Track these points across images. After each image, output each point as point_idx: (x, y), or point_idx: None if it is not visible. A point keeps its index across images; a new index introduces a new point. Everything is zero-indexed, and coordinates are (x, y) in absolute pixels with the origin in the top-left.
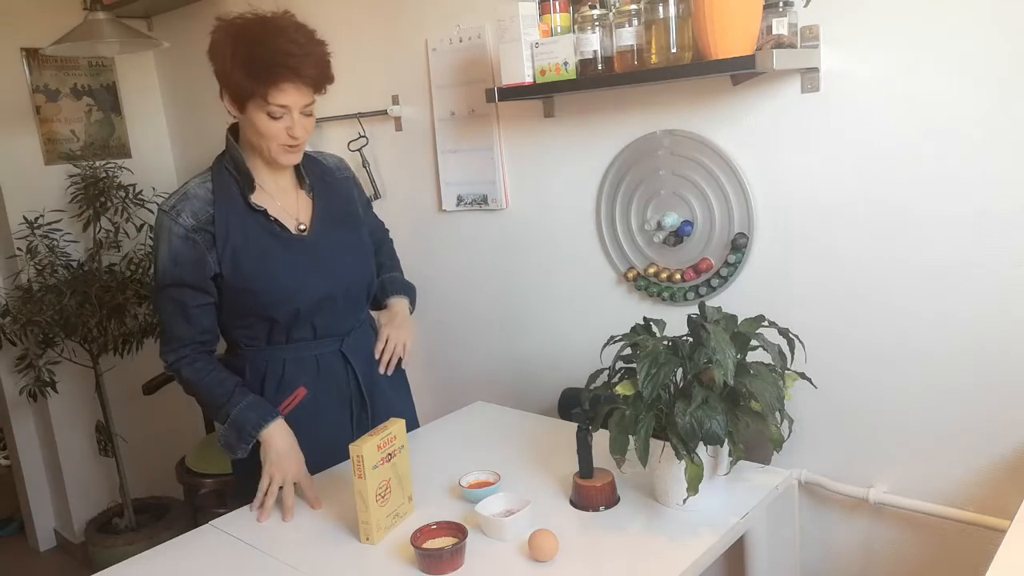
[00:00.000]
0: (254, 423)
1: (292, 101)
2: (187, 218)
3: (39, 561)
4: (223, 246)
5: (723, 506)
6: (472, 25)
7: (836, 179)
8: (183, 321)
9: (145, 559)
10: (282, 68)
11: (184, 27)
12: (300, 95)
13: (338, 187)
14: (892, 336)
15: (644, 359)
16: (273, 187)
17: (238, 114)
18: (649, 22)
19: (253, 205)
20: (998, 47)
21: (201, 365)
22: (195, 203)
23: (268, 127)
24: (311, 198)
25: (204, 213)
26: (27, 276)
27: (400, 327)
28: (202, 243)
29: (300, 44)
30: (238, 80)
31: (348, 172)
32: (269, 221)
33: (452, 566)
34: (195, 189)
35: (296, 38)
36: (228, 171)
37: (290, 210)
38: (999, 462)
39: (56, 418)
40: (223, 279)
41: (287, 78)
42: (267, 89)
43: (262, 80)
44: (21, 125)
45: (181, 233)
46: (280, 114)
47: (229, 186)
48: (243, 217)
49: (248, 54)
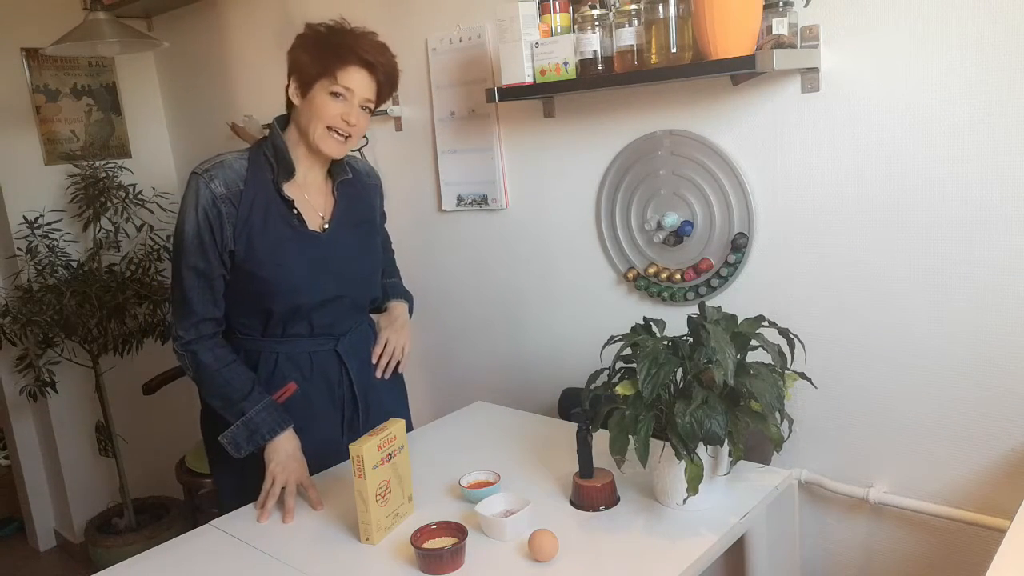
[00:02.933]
0: (269, 428)
1: (357, 86)
2: (219, 184)
3: (39, 561)
4: (242, 225)
5: (723, 506)
6: (472, 25)
7: (836, 179)
8: (206, 292)
9: (145, 559)
10: (359, 52)
11: (184, 27)
12: (365, 85)
13: (363, 192)
14: (892, 336)
15: (644, 359)
16: (305, 181)
17: (300, 100)
18: (649, 22)
19: (283, 194)
20: (998, 47)
21: (223, 353)
22: (229, 173)
23: (327, 107)
24: (335, 198)
25: (235, 186)
26: (27, 276)
27: (399, 331)
28: (225, 213)
29: (378, 48)
30: (311, 62)
31: (376, 181)
32: (292, 213)
33: (452, 566)
34: (231, 161)
35: (373, 37)
36: (266, 156)
37: (317, 206)
38: (999, 462)
39: (56, 418)
40: (235, 258)
41: (359, 63)
42: (338, 68)
43: (338, 57)
44: (21, 125)
45: (210, 197)
46: (343, 94)
47: (263, 170)
48: (268, 203)
49: (329, 41)
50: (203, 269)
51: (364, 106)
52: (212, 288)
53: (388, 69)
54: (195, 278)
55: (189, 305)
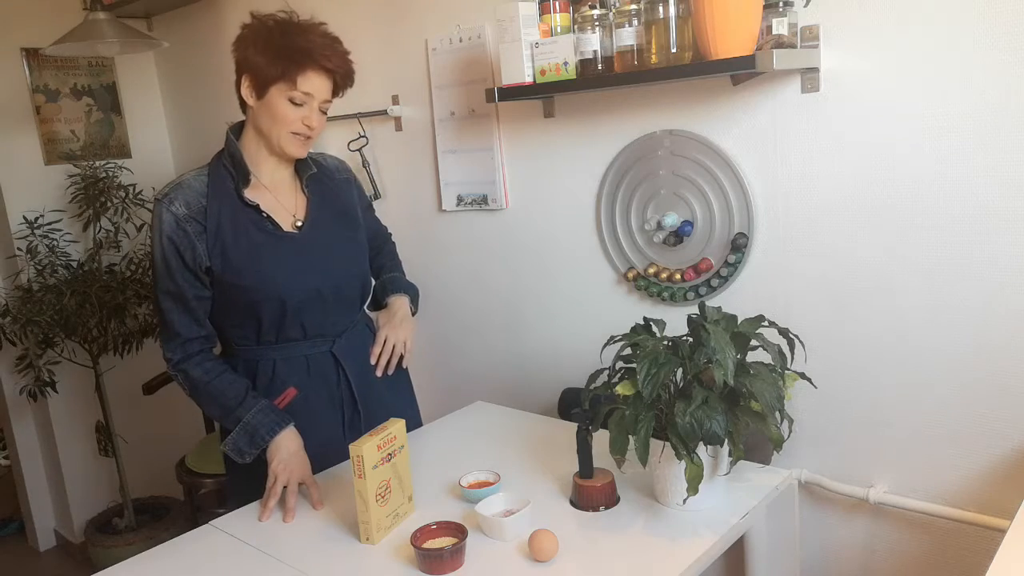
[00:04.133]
0: (268, 428)
1: (317, 91)
2: (179, 206)
3: (39, 561)
4: (213, 239)
5: (723, 506)
6: (472, 25)
7: (836, 179)
8: (184, 314)
9: (145, 559)
10: (317, 56)
11: (184, 27)
12: (324, 88)
13: (336, 188)
14: (892, 336)
15: (644, 359)
16: (272, 182)
17: (255, 101)
18: (649, 22)
19: (246, 200)
20: (998, 46)
21: (212, 366)
22: (188, 193)
23: (287, 113)
24: (307, 196)
25: (197, 204)
26: (27, 276)
27: (399, 326)
28: (192, 233)
29: (331, 44)
30: (267, 64)
31: (348, 174)
32: (261, 217)
33: (452, 566)
34: (190, 180)
35: (327, 38)
36: (225, 167)
37: (287, 206)
38: (999, 462)
39: (56, 418)
40: (214, 273)
41: (317, 68)
42: (297, 74)
43: (296, 63)
44: (21, 125)
45: (173, 221)
46: (302, 101)
47: (224, 181)
48: (235, 212)
49: (284, 43)
50: (176, 293)
51: (323, 108)
52: (189, 309)
53: (345, 68)
54: (171, 302)
55: (172, 328)
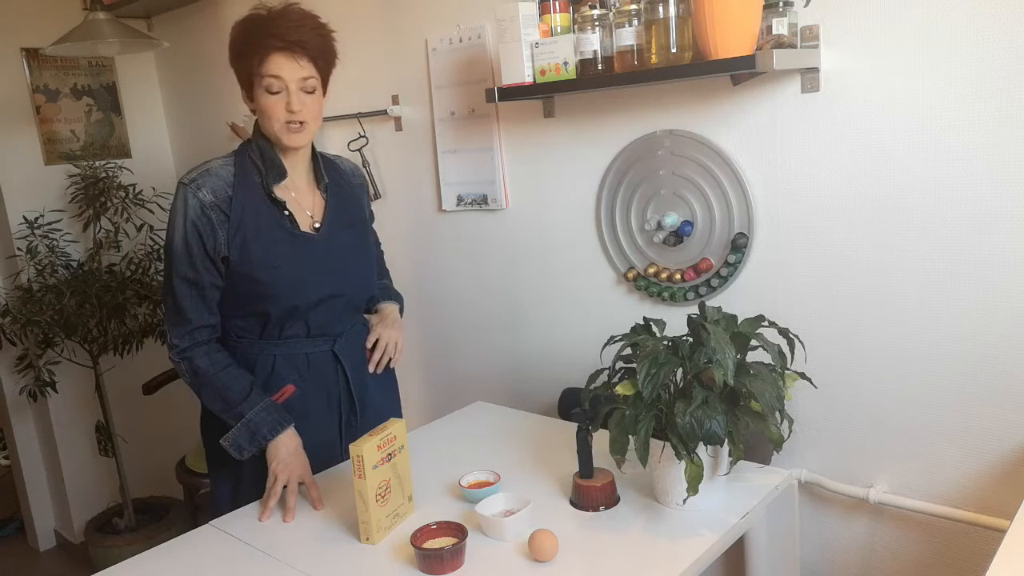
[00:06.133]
0: (270, 427)
1: (284, 71)
2: (206, 193)
3: (39, 561)
4: (235, 230)
5: (723, 506)
6: (472, 25)
7: (836, 179)
8: (198, 301)
9: (145, 559)
10: (270, 38)
11: (184, 27)
12: (293, 66)
13: (351, 192)
14: (892, 336)
15: (644, 359)
16: (291, 181)
17: (251, 104)
18: (649, 22)
19: (274, 196)
20: (998, 46)
21: (219, 357)
22: (215, 181)
23: (268, 104)
24: (324, 199)
25: (223, 192)
26: (27, 276)
27: (391, 327)
28: (216, 221)
29: (292, 19)
30: (240, 65)
31: (362, 179)
32: (283, 215)
33: (452, 566)
34: (217, 169)
35: (290, 15)
36: (251, 160)
37: (306, 206)
38: (999, 462)
39: (56, 418)
40: (230, 264)
41: (276, 48)
42: (259, 61)
43: (255, 52)
44: (21, 125)
45: (198, 206)
46: (277, 87)
47: (250, 174)
48: (259, 206)
49: (246, 38)
50: (194, 279)
51: (304, 88)
52: (204, 296)
53: (314, 41)
54: (187, 288)
55: (183, 314)
